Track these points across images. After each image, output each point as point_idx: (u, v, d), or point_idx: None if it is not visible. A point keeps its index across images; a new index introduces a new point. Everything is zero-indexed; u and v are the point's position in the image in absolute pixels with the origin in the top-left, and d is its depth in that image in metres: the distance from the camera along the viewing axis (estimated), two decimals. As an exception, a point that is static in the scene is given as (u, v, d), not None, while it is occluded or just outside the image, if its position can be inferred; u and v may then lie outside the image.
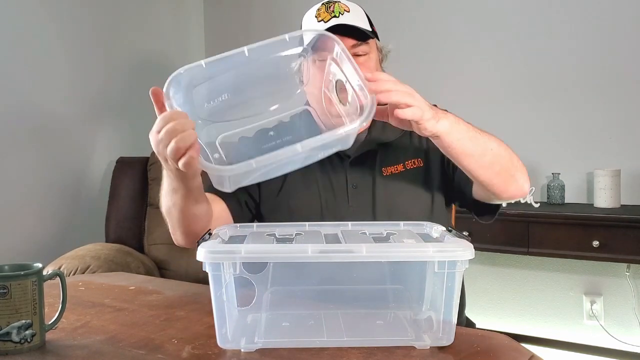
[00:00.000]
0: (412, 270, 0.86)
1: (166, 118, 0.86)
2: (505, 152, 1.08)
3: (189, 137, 0.84)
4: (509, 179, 1.09)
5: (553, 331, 2.40)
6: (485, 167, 1.05)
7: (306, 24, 1.23)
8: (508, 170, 1.09)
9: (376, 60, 1.23)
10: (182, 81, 0.93)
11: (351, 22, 1.17)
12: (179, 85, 0.92)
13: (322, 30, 1.01)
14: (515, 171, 1.10)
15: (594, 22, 2.31)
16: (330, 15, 1.18)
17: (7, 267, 0.87)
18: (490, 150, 1.04)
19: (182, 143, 0.83)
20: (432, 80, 2.60)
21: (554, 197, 2.28)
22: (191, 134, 0.84)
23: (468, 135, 1.01)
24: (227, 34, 3.16)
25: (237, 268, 0.78)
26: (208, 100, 0.98)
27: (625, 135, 2.27)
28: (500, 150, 1.06)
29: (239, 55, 0.95)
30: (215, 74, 0.96)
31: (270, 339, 0.83)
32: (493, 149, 1.05)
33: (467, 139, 1.01)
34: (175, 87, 0.92)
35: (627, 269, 2.23)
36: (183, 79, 0.92)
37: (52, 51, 2.43)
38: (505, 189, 1.11)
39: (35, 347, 0.84)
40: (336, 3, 1.20)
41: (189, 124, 0.86)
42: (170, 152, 0.84)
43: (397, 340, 0.82)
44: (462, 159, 1.04)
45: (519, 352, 0.80)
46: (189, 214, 1.07)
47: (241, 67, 0.98)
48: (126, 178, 2.50)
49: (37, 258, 1.07)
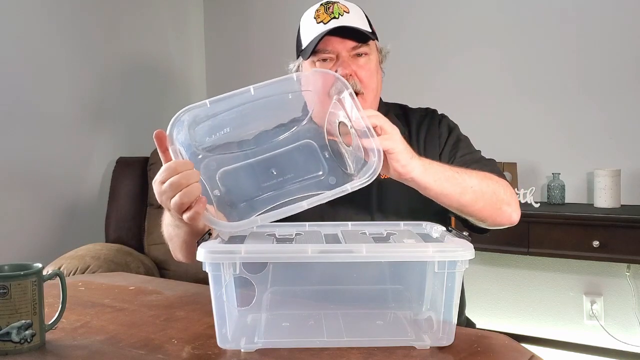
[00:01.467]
0: (412, 270, 0.86)
1: (170, 169, 0.85)
2: (489, 187, 1.07)
3: (194, 191, 0.83)
4: (494, 212, 1.10)
5: (553, 331, 2.40)
6: (466, 205, 1.06)
7: (305, 25, 1.22)
8: (493, 204, 1.08)
9: (376, 61, 1.23)
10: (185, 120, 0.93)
11: (351, 23, 1.16)
12: (182, 125, 0.92)
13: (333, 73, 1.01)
14: (501, 204, 1.10)
15: (594, 21, 2.31)
16: (330, 17, 1.17)
17: (7, 267, 0.87)
18: (471, 187, 1.04)
19: (186, 198, 0.83)
20: (432, 81, 2.60)
21: (554, 197, 2.28)
22: (196, 187, 0.84)
23: (444, 175, 1.01)
24: (227, 35, 3.16)
25: (237, 268, 0.78)
26: (209, 134, 0.98)
27: (625, 135, 2.27)
28: (482, 186, 1.06)
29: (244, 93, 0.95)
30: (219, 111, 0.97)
31: (270, 339, 0.83)
32: (473, 186, 1.04)
33: (443, 179, 1.00)
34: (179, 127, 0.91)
35: (627, 269, 2.23)
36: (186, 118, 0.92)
37: (52, 51, 2.42)
38: (492, 220, 1.12)
39: (35, 347, 0.84)
40: (335, 4, 1.19)
41: (194, 176, 0.85)
42: (174, 206, 0.84)
43: (397, 340, 0.82)
44: (441, 199, 1.04)
45: (519, 352, 0.80)
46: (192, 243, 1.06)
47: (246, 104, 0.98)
48: (126, 178, 2.50)
49: (37, 258, 1.07)
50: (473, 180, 1.05)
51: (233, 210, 0.97)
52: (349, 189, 0.86)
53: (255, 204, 1.00)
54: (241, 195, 1.00)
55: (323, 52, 1.17)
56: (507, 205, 1.11)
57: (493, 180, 1.09)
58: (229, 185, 0.99)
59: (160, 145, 0.89)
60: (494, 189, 1.09)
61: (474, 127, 1.42)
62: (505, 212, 1.11)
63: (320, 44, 1.17)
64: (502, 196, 1.10)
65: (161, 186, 0.85)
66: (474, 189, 1.05)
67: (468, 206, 1.06)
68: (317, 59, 1.19)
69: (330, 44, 1.17)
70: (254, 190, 1.01)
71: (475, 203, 1.06)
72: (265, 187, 1.01)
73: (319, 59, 1.18)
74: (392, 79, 1.31)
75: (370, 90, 1.19)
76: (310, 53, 1.18)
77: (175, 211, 0.85)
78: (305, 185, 1.03)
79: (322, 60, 1.18)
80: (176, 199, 0.83)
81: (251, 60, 3.08)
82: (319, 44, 1.17)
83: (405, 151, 0.94)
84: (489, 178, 1.09)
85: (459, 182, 1.03)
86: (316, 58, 1.19)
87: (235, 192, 0.99)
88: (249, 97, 0.96)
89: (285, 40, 2.97)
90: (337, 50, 1.17)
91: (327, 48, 1.17)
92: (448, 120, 1.30)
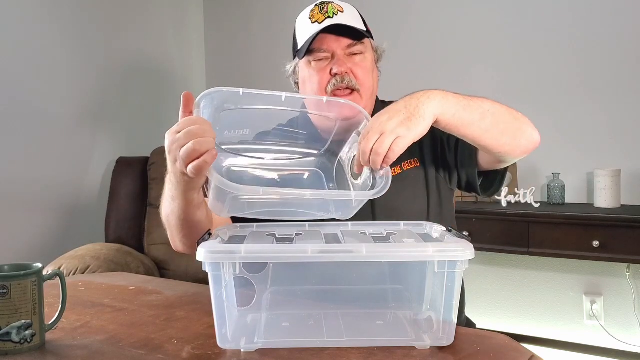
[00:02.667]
0: (412, 270, 0.86)
1: (190, 121, 0.85)
2: (502, 107, 1.05)
3: (208, 142, 0.83)
4: (516, 133, 1.06)
5: (553, 331, 2.40)
6: (489, 131, 1.03)
7: (300, 26, 1.23)
8: (513, 124, 1.06)
9: (372, 60, 1.23)
10: (215, 100, 0.94)
11: (345, 22, 1.17)
12: (211, 102, 0.94)
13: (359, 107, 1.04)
14: (520, 124, 1.07)
15: (594, 21, 2.31)
16: (324, 16, 1.17)
17: (7, 267, 0.87)
18: (488, 111, 1.01)
19: (199, 146, 0.82)
20: (432, 81, 2.59)
21: (554, 197, 2.28)
22: (210, 141, 0.84)
23: (461, 106, 0.99)
24: (227, 35, 3.16)
25: (237, 268, 0.78)
26: (229, 128, 0.99)
27: (625, 135, 2.27)
28: (496, 108, 1.03)
29: (275, 97, 0.97)
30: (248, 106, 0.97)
31: (270, 339, 0.83)
32: (489, 109, 1.02)
33: (461, 110, 0.99)
34: (207, 102, 0.92)
35: (627, 269, 2.23)
36: (217, 97, 0.93)
37: (52, 51, 2.43)
38: (516, 145, 1.08)
39: (35, 347, 0.84)
40: (330, 4, 1.20)
41: (211, 132, 0.85)
42: (185, 152, 0.83)
43: (397, 340, 0.82)
44: (463, 131, 1.02)
45: (519, 352, 0.80)
46: (188, 222, 1.05)
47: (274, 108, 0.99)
48: (126, 178, 2.50)
49: (37, 258, 1.08)
50: (487, 104, 1.02)
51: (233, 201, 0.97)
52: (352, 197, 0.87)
53: (254, 204, 1.00)
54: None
55: (318, 51, 1.18)
56: (525, 125, 1.08)
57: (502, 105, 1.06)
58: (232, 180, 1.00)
59: (185, 106, 0.90)
60: (508, 109, 1.06)
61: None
62: (526, 132, 1.08)
63: (315, 43, 1.17)
64: (517, 115, 1.07)
65: (175, 135, 0.85)
66: (491, 112, 1.02)
67: (490, 131, 1.03)
68: (312, 59, 1.19)
69: (325, 43, 1.17)
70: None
71: (496, 126, 1.03)
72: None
73: (315, 58, 1.19)
74: (390, 78, 1.31)
75: (366, 89, 1.19)
76: (305, 52, 1.18)
77: (183, 160, 0.84)
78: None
79: (317, 60, 1.19)
80: (189, 145, 0.83)
81: (251, 61, 3.08)
82: (314, 43, 1.17)
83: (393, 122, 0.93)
84: (498, 102, 1.06)
85: (475, 108, 1.00)
86: (312, 57, 1.19)
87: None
88: (279, 102, 0.96)
89: (285, 40, 2.97)
90: (332, 49, 1.17)
91: (322, 47, 1.17)
92: None
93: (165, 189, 1.04)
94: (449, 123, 0.99)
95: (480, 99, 1.03)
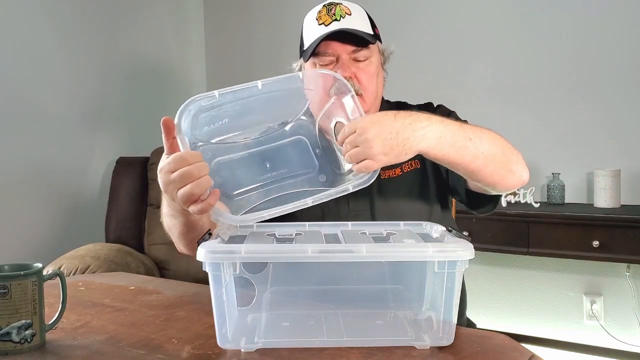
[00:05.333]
0: (412, 270, 0.86)
1: (181, 159, 0.84)
2: (498, 148, 1.04)
3: (206, 183, 0.83)
4: (505, 174, 1.07)
5: (553, 331, 2.40)
6: (476, 171, 1.03)
7: (307, 26, 1.22)
8: (504, 166, 1.05)
9: (377, 64, 1.22)
10: (193, 110, 0.93)
11: (352, 26, 1.16)
12: (189, 114, 0.93)
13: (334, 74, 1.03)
14: (511, 165, 1.07)
15: (594, 21, 2.31)
16: (332, 19, 1.17)
17: (7, 267, 0.87)
18: (481, 153, 1.01)
19: (197, 190, 0.83)
20: (432, 80, 2.60)
21: (554, 197, 2.28)
22: (207, 180, 0.84)
23: (454, 148, 0.98)
24: (227, 36, 3.16)
25: (237, 268, 0.78)
26: (209, 123, 0.99)
27: (625, 135, 2.27)
28: (492, 149, 1.03)
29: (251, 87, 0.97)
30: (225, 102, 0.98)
31: (270, 339, 0.83)
32: (484, 151, 1.01)
33: (453, 152, 0.98)
34: (186, 116, 0.93)
35: (627, 269, 2.23)
36: (194, 107, 0.93)
37: (52, 52, 2.43)
38: (503, 184, 1.08)
39: (35, 347, 0.84)
40: (338, 5, 1.19)
41: (205, 169, 0.85)
42: (184, 196, 0.83)
43: (397, 340, 0.82)
44: (451, 167, 1.04)
45: (519, 352, 0.80)
46: (190, 232, 1.06)
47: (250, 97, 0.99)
48: (126, 178, 2.50)
49: (37, 258, 1.08)
50: (484, 145, 1.01)
51: (228, 201, 0.98)
52: (351, 189, 0.86)
53: (250, 197, 1.00)
54: (236, 186, 1.01)
55: (323, 54, 1.17)
56: (516, 165, 1.08)
57: (503, 141, 1.06)
58: (224, 176, 1.00)
59: (167, 133, 0.88)
60: (503, 150, 1.05)
61: (474, 127, 1.42)
62: (515, 173, 1.08)
63: (321, 46, 1.17)
64: (510, 156, 1.07)
65: (169, 175, 0.85)
66: (485, 154, 1.01)
67: (478, 171, 1.03)
68: (317, 61, 1.19)
69: (330, 47, 1.17)
70: (248, 182, 1.02)
71: (486, 167, 1.03)
72: (259, 180, 1.02)
73: (320, 62, 1.19)
74: (393, 78, 1.31)
75: (369, 93, 1.19)
76: (311, 55, 1.18)
77: (183, 202, 0.84)
78: (299, 181, 1.04)
79: (322, 64, 1.18)
80: (187, 189, 0.83)
81: (251, 60, 3.08)
82: (320, 46, 1.17)
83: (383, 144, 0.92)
84: (499, 138, 1.06)
85: (470, 150, 0.99)
86: (317, 60, 1.19)
87: (230, 183, 1.00)
88: (256, 91, 0.97)
89: (285, 40, 2.98)
90: (337, 53, 1.17)
91: (327, 51, 1.17)
92: (444, 109, 1.29)
93: (164, 204, 1.04)
94: (435, 159, 1.00)
95: (481, 136, 1.02)
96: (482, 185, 1.09)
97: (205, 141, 0.99)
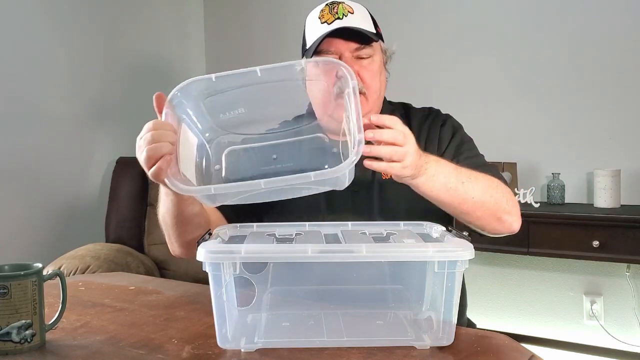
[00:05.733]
0: (412, 270, 0.86)
1: (148, 126, 0.88)
2: (492, 197, 1.07)
3: (162, 148, 0.85)
4: (492, 221, 1.09)
5: (553, 331, 2.40)
6: (465, 213, 1.06)
7: (309, 25, 1.22)
8: (492, 214, 1.08)
9: (380, 62, 1.22)
10: (193, 91, 0.94)
11: (355, 24, 1.15)
12: (189, 95, 0.94)
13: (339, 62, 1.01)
14: (501, 214, 1.09)
15: (594, 21, 2.31)
16: (334, 17, 1.17)
17: (7, 267, 0.87)
18: (472, 198, 1.04)
19: (152, 152, 0.85)
20: (433, 80, 2.60)
21: (554, 197, 2.28)
22: (164, 145, 0.85)
23: (445, 188, 1.01)
24: (227, 35, 3.16)
25: (237, 268, 0.78)
26: (223, 111, 0.99)
27: (625, 135, 2.27)
28: (484, 196, 1.05)
29: (250, 74, 0.96)
30: (226, 88, 0.98)
31: (270, 339, 0.83)
32: (475, 197, 1.04)
33: (443, 192, 1.01)
34: (185, 96, 0.93)
35: (627, 269, 2.23)
36: (193, 89, 0.94)
37: (53, 52, 2.43)
38: (489, 229, 1.12)
39: (35, 347, 0.84)
40: (340, 4, 1.19)
41: (168, 136, 0.87)
42: (142, 160, 0.86)
43: (397, 340, 0.82)
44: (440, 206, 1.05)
45: (519, 352, 0.80)
46: (182, 220, 1.05)
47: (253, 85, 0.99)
48: (126, 178, 2.50)
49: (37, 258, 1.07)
50: (476, 191, 1.04)
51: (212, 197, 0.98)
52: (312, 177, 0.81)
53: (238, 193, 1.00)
54: (237, 174, 1.01)
55: (326, 52, 1.17)
56: (507, 215, 1.10)
57: (499, 189, 1.09)
58: (231, 163, 1.00)
59: (158, 106, 0.92)
60: (497, 198, 1.08)
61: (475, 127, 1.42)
62: (505, 222, 1.10)
63: (323, 44, 1.17)
64: (504, 205, 1.09)
65: (138, 141, 0.88)
66: (475, 200, 1.04)
67: (465, 214, 1.06)
68: None
69: (333, 45, 1.17)
70: (249, 171, 1.02)
71: (474, 212, 1.06)
72: (261, 170, 1.01)
73: None
74: (394, 78, 1.31)
75: (372, 91, 1.19)
76: (313, 53, 1.18)
77: (143, 166, 0.87)
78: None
79: None
80: (144, 153, 0.85)
81: (251, 61, 3.08)
82: (322, 44, 1.17)
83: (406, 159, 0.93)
84: (494, 187, 1.08)
85: (460, 193, 1.02)
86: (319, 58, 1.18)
87: (233, 170, 1.01)
88: (255, 78, 0.96)
89: (286, 40, 2.98)
90: (340, 51, 1.17)
91: (329, 49, 1.17)
92: (452, 121, 1.29)
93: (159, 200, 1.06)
94: (424, 194, 1.02)
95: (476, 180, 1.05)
96: (470, 226, 1.13)
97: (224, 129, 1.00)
